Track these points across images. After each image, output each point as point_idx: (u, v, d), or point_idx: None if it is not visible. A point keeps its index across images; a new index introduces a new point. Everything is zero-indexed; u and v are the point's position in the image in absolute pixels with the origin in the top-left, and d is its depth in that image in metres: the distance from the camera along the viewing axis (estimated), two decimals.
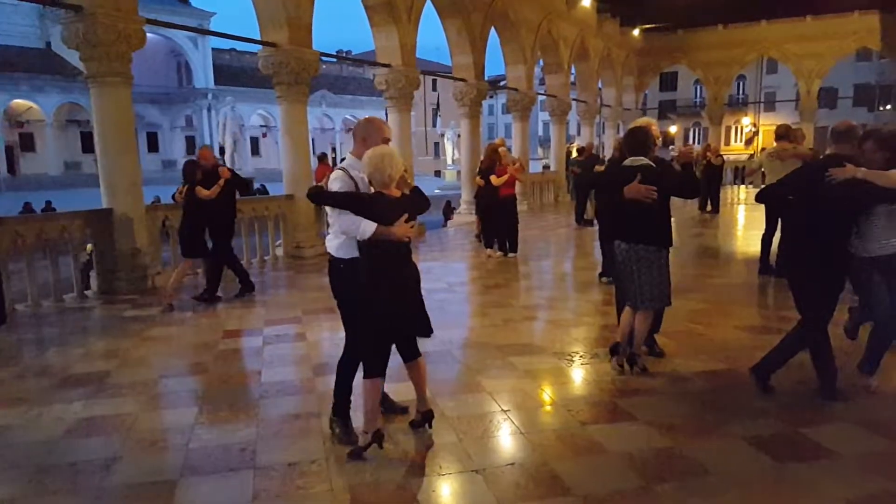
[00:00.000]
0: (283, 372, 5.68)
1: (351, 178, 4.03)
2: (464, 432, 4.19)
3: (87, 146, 47.09)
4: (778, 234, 5.83)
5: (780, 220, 5.42)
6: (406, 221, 3.87)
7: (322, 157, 13.33)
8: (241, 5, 14.71)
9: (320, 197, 4.07)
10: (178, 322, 7.56)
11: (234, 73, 58.99)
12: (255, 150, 60.55)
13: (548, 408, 4.68)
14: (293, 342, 6.60)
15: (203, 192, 7.96)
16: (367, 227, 3.80)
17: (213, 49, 57.77)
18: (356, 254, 3.97)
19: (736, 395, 4.87)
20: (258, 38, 11.46)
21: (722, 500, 3.44)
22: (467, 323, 7.64)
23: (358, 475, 3.74)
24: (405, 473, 3.76)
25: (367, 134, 4.15)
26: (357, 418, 4.19)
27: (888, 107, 45.19)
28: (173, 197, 8.78)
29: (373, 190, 3.93)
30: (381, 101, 15.28)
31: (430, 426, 4.21)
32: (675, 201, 5.35)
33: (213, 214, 8.18)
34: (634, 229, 5.10)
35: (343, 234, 4.00)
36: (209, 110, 57.17)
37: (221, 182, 8.06)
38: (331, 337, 6.71)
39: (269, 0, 11.21)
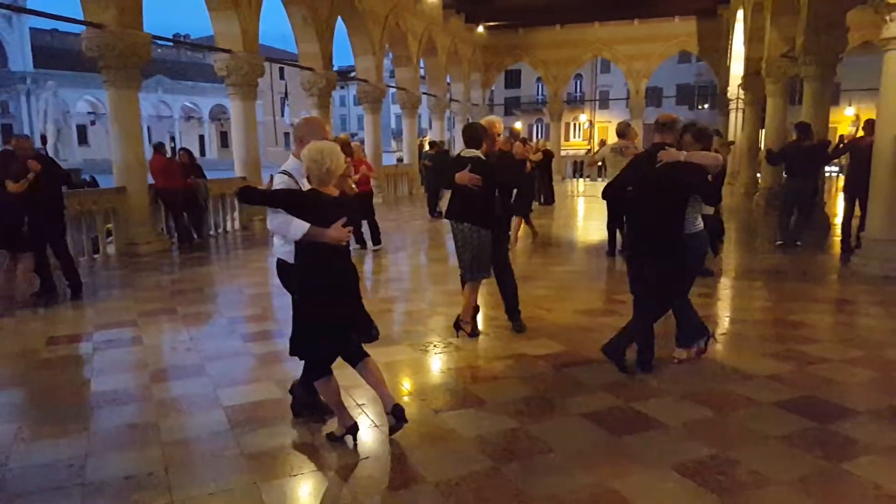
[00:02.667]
0: (117, 380, 5.23)
1: (296, 182, 3.84)
2: (316, 430, 4.07)
3: None
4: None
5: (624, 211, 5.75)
6: (344, 225, 3.64)
7: (158, 147, 12.53)
8: None
9: (250, 196, 3.72)
10: None
11: (56, 56, 54.15)
12: (83, 139, 56.01)
13: (404, 398, 4.65)
14: (128, 347, 6.12)
15: (12, 186, 7.22)
16: (299, 228, 3.59)
17: (31, 29, 52.92)
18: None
19: (576, 374, 5.12)
20: (81, 17, 10.55)
21: (564, 475, 3.57)
22: None
23: (200, 486, 3.52)
24: (256, 477, 3.58)
25: (306, 133, 4.00)
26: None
27: (706, 105, 49.34)
28: None
29: (308, 187, 3.69)
30: (224, 89, 14.61)
31: (406, 420, 3.92)
32: None
33: (34, 208, 7.45)
34: (463, 210, 5.76)
35: (273, 233, 3.80)
36: (28, 96, 52.28)
37: (31, 176, 7.33)
38: (170, 340, 6.35)
39: None
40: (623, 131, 9.74)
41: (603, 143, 15.49)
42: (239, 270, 10.19)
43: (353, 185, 4.37)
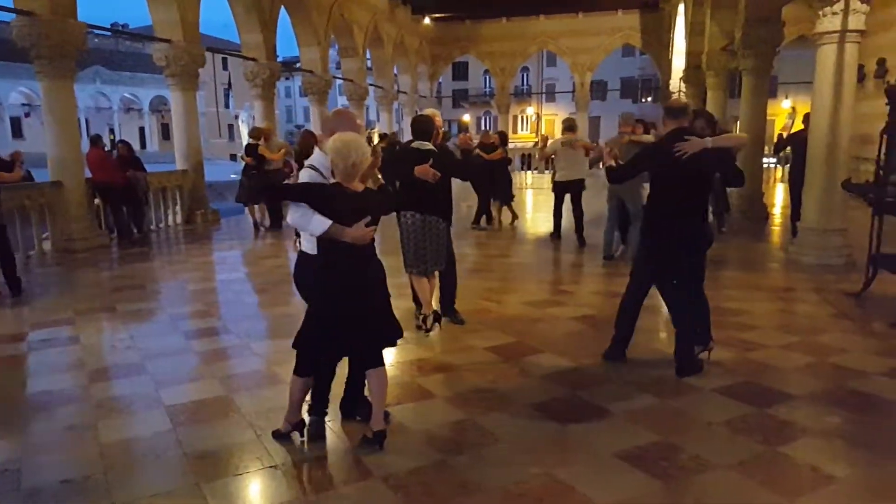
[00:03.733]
0: (53, 381, 5.06)
1: (322, 176, 3.68)
2: (262, 428, 4.00)
3: None
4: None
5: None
6: (367, 224, 3.49)
7: (96, 140, 12.14)
8: None
9: (274, 193, 3.60)
10: None
11: None
12: (18, 132, 53.95)
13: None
14: (64, 346, 5.92)
15: None
16: (319, 225, 3.44)
17: None
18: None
19: (523, 365, 5.16)
20: (11, 5, 10.13)
21: (512, 465, 3.59)
22: (266, 314, 7.33)
23: (141, 488, 3.43)
24: (200, 478, 3.50)
25: (336, 125, 3.84)
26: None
27: (649, 98, 50.21)
28: None
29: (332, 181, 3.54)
30: (164, 79, 14.24)
31: (381, 447, 3.72)
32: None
33: None
34: (423, 203, 5.71)
35: (293, 227, 3.66)
36: None
37: None
38: (110, 339, 6.19)
39: None
40: (571, 126, 10.47)
41: (546, 139, 15.83)
42: (181, 266, 9.97)
43: (380, 177, 4.19)
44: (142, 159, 13.02)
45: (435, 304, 6.07)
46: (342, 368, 4.02)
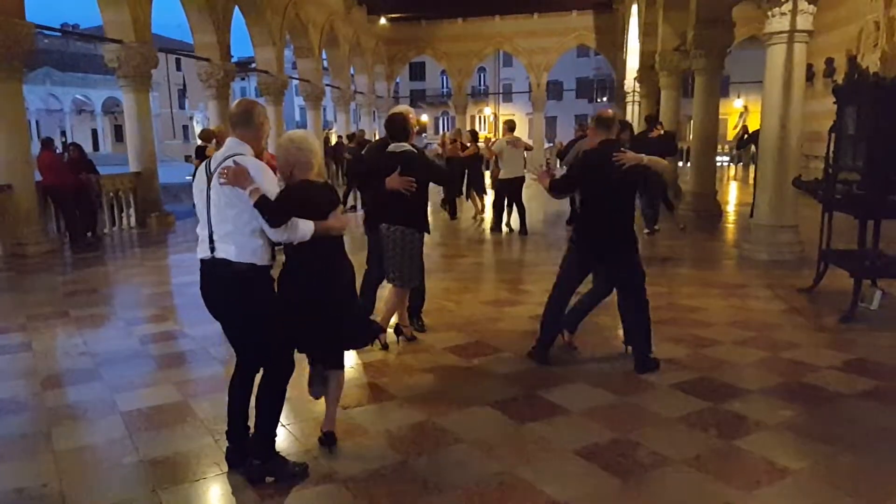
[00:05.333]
0: (5, 388, 4.92)
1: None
2: (220, 433, 3.92)
3: None
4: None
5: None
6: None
7: (47, 143, 11.86)
8: None
9: (276, 209, 3.22)
10: None
11: None
12: None
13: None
14: (16, 353, 5.77)
15: None
16: (307, 227, 3.31)
17: None
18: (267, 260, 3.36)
19: (482, 365, 5.18)
20: None
21: (472, 464, 3.61)
22: None
23: (97, 496, 3.36)
24: (158, 484, 3.43)
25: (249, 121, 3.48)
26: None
27: (604, 98, 50.84)
28: None
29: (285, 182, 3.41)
30: (116, 80, 13.96)
31: (331, 450, 3.73)
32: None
33: None
34: (395, 213, 5.24)
35: (275, 240, 3.33)
36: None
37: None
38: (63, 345, 6.02)
39: None
40: (511, 126, 11.97)
41: (488, 140, 16.51)
42: (136, 270, 9.77)
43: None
44: (94, 161, 12.73)
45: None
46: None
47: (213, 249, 3.31)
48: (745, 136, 11.47)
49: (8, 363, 5.54)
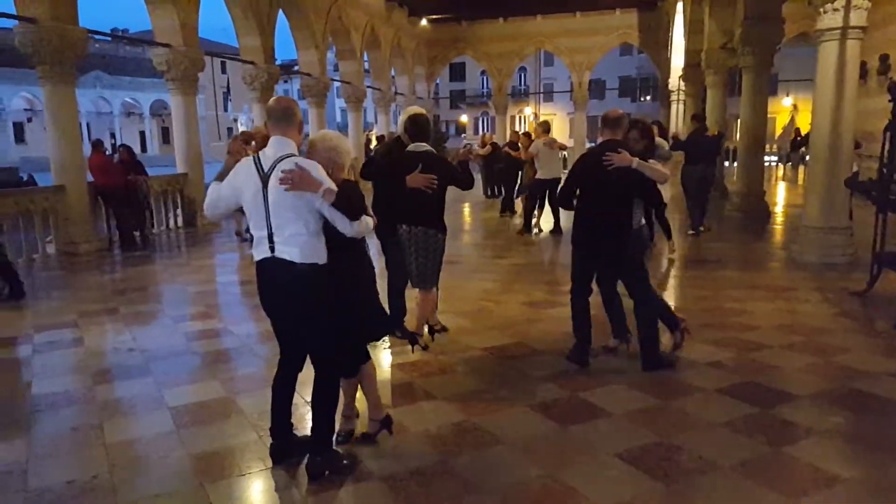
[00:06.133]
0: (58, 382, 5.09)
1: None
2: (264, 429, 3.98)
3: None
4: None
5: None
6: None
7: (97, 144, 12.17)
8: None
9: (359, 205, 3.37)
10: None
11: None
12: (20, 137, 53.98)
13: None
14: (69, 348, 5.95)
15: None
16: (369, 221, 3.43)
17: None
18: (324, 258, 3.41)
19: (522, 366, 5.15)
20: (13, 12, 10.14)
21: (512, 466, 3.60)
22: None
23: (145, 488, 3.44)
24: (203, 478, 3.51)
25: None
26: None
27: (648, 97, 50.22)
28: None
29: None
30: (164, 84, 14.30)
31: (377, 437, 3.88)
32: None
33: None
34: (416, 213, 5.26)
35: (349, 234, 3.39)
36: None
37: None
38: (113, 341, 6.19)
39: None
40: (547, 128, 11.85)
41: (494, 145, 16.79)
42: (182, 268, 9.97)
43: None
44: (142, 162, 13.03)
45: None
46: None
47: (272, 250, 3.35)
48: (798, 138, 11.20)
49: (61, 358, 5.72)
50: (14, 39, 10.32)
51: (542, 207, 11.92)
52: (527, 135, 13.84)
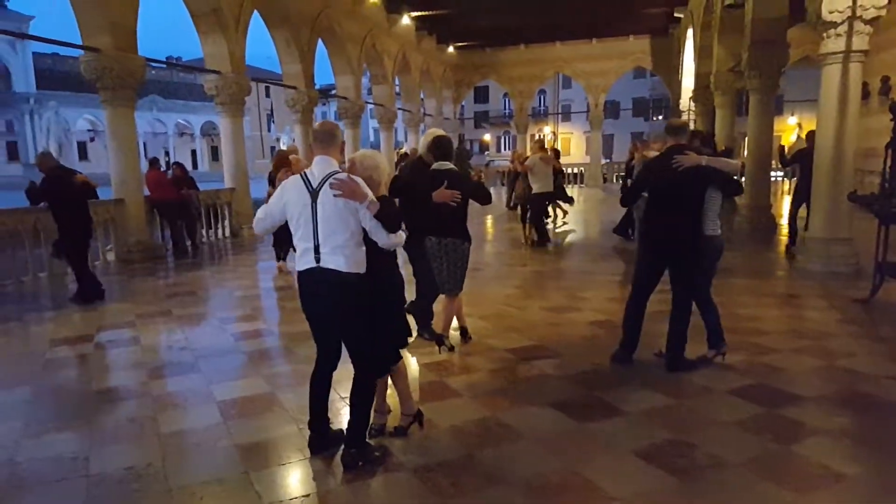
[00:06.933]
0: (117, 377, 5.19)
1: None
2: (303, 422, 3.99)
3: None
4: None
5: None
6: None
7: (153, 162, 12.40)
8: (61, 8, 13.29)
9: (399, 218, 3.46)
10: (2, 333, 6.68)
11: (57, 78, 53.31)
12: (84, 155, 55.18)
13: (388, 391, 4.62)
14: (127, 347, 6.03)
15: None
16: (402, 233, 3.51)
17: (34, 53, 52.17)
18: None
19: (543, 367, 5.11)
20: (80, 42, 10.39)
21: (533, 459, 3.57)
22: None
23: (195, 475, 3.48)
24: (248, 466, 3.53)
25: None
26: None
27: (660, 117, 49.80)
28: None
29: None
30: (214, 107, 14.54)
31: (423, 424, 3.97)
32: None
33: (69, 219, 7.74)
34: (445, 226, 5.27)
35: (386, 245, 3.45)
36: (31, 115, 51.42)
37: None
38: (166, 340, 6.27)
39: (90, 4, 10.23)
40: (542, 144, 12.23)
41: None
42: (229, 274, 10.07)
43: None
44: (194, 178, 13.21)
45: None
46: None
47: (318, 260, 3.37)
48: (789, 157, 10.91)
49: (120, 356, 5.81)
50: (79, 67, 10.58)
51: (524, 221, 11.98)
52: (555, 151, 13.97)
